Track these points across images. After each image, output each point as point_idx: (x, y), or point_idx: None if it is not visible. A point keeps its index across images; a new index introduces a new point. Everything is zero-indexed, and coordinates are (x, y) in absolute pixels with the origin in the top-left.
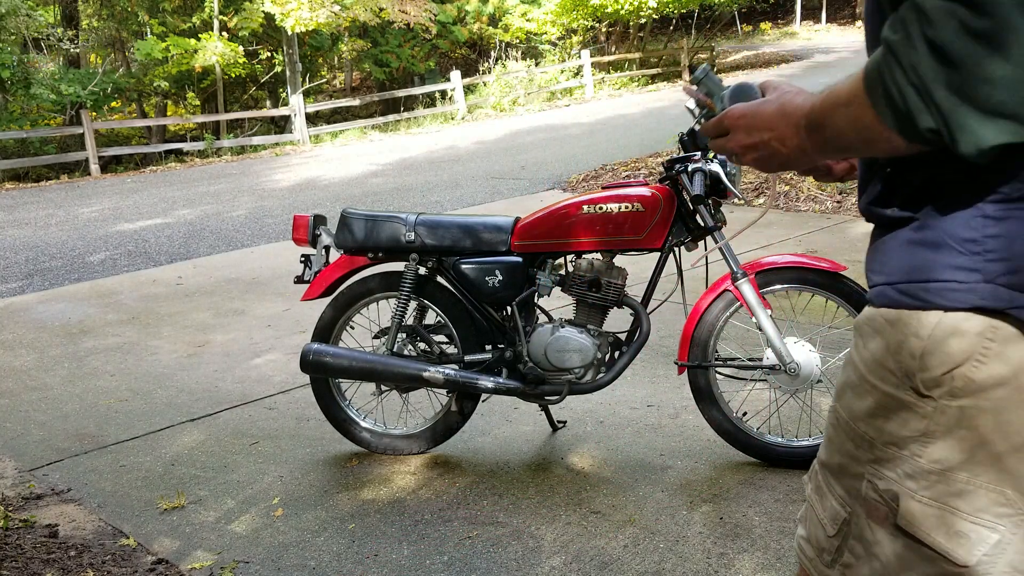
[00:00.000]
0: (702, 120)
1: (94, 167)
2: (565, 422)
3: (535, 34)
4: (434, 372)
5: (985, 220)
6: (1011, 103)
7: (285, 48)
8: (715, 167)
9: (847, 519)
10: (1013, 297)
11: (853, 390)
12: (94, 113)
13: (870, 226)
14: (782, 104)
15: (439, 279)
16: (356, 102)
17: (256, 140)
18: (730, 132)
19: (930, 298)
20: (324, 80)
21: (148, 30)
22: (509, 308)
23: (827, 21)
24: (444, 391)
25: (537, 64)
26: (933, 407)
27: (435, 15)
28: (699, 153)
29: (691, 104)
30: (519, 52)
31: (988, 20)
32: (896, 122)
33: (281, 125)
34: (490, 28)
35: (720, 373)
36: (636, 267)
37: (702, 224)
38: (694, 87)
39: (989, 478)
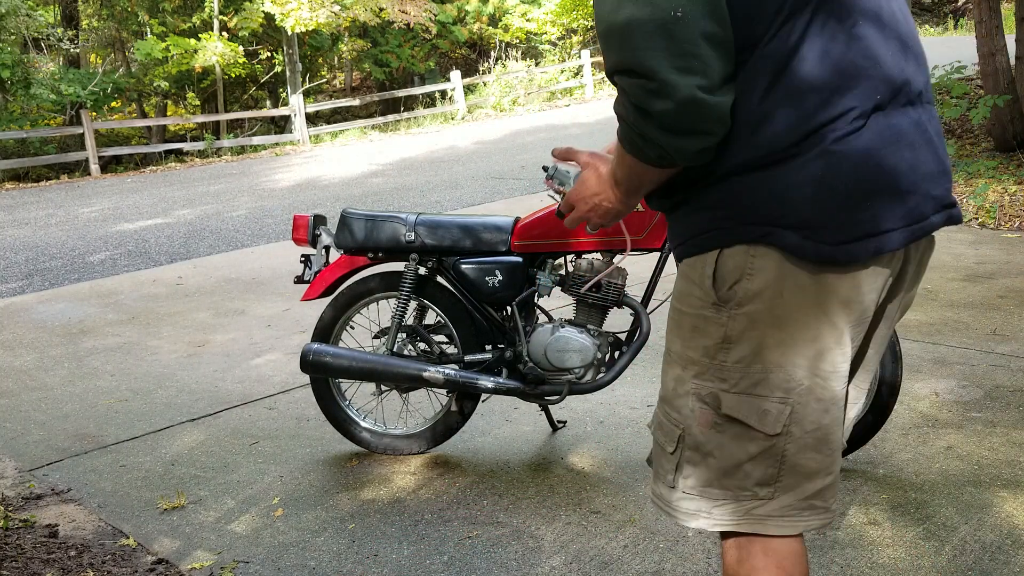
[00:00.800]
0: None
1: (94, 167)
2: (565, 422)
3: (535, 34)
4: (434, 372)
5: (722, 187)
6: (687, 124)
7: (285, 48)
8: None
9: (681, 435)
10: (758, 231)
11: (674, 325)
12: (94, 113)
13: None
14: (597, 173)
15: (439, 279)
16: (356, 102)
17: (256, 140)
18: (575, 207)
19: (707, 244)
20: (324, 80)
21: (148, 30)
22: (509, 308)
23: None
24: (444, 391)
25: (537, 64)
26: (728, 316)
27: (435, 15)
28: None
29: (552, 193)
30: (519, 52)
31: (654, 82)
32: (644, 159)
33: (281, 125)
34: (490, 28)
35: None
36: (636, 267)
37: None
38: (551, 181)
39: (776, 363)
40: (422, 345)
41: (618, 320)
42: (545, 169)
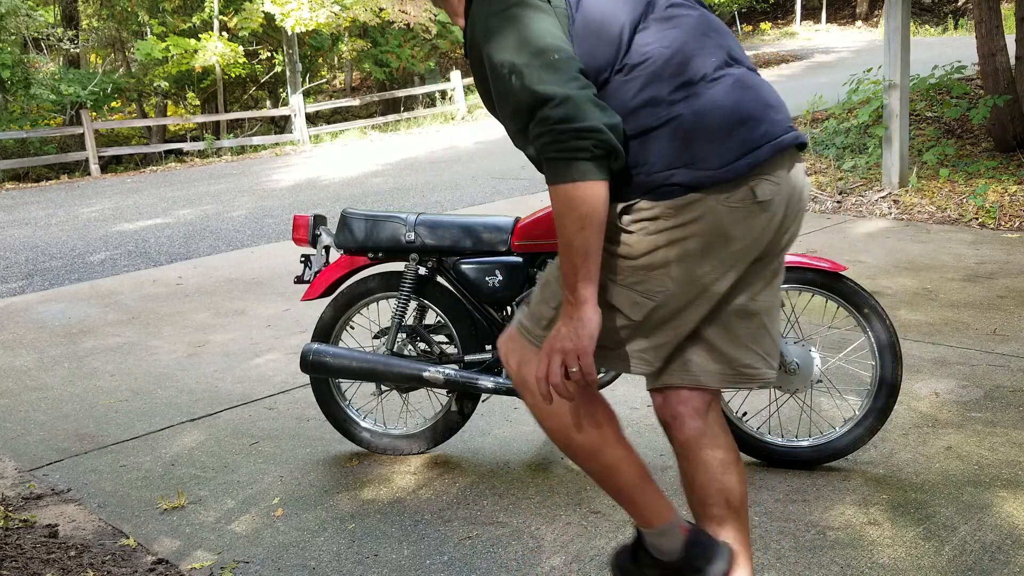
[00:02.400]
0: None
1: (94, 167)
2: None
3: None
4: (434, 372)
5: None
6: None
7: (285, 48)
8: None
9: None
10: (661, 177)
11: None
12: (94, 113)
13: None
14: (564, 319)
15: (439, 279)
16: (356, 102)
17: (256, 140)
18: (550, 357)
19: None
20: (324, 80)
21: (148, 30)
22: (509, 308)
23: (827, 21)
24: (444, 391)
25: None
26: (625, 237)
27: (435, 15)
28: None
29: None
30: None
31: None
32: (581, 173)
33: (281, 125)
34: None
35: None
36: None
37: None
38: None
39: (660, 272)
40: (422, 345)
41: None
42: None
